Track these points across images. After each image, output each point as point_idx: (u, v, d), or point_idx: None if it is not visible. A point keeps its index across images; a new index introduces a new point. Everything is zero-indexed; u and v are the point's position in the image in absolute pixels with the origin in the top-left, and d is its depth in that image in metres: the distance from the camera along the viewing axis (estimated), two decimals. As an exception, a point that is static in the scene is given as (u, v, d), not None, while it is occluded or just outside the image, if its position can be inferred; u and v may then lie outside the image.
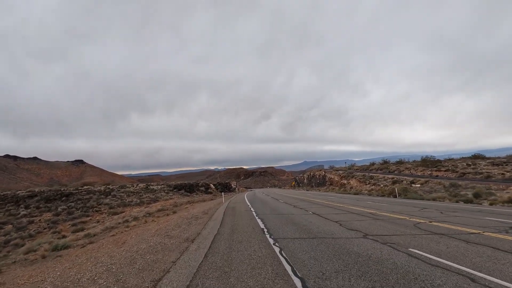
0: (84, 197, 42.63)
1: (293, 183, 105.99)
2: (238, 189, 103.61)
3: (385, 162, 69.68)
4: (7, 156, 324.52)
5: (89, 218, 34.17)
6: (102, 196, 44.54)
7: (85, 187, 48.13)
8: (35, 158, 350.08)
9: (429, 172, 41.67)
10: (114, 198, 44.25)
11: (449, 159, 50.80)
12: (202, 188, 61.23)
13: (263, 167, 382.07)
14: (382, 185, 39.25)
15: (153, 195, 49.55)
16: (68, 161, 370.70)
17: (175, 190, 55.37)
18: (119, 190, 48.59)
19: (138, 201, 43.82)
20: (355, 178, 51.99)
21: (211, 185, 67.23)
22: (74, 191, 43.83)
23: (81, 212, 36.54)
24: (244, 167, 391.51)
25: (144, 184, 56.25)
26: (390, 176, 43.87)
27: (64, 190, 43.27)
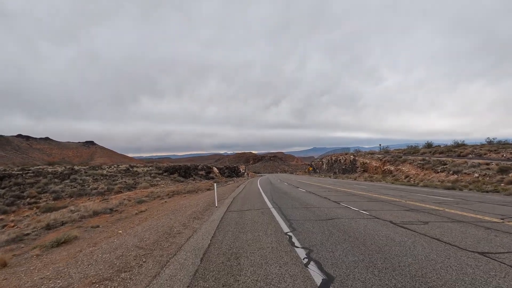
0: (27, 180, 29.05)
1: (310, 168, 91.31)
2: (248, 174, 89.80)
3: (429, 145, 54.08)
4: (19, 135, 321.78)
5: (3, 216, 20.55)
6: (56, 180, 30.90)
7: (36, 167, 34.84)
8: (47, 138, 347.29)
9: (546, 156, 26.01)
10: (72, 184, 30.56)
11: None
12: (202, 172, 47.34)
13: (273, 152, 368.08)
14: (477, 175, 23.97)
15: (132, 180, 35.77)
16: (79, 142, 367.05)
17: (165, 174, 41.65)
18: (86, 173, 34.94)
19: (106, 188, 29.96)
20: (408, 163, 36.67)
21: (214, 169, 53.31)
22: (16, 172, 30.33)
23: (2, 205, 22.85)
24: (253, 152, 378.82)
25: (127, 166, 42.74)
26: (475, 161, 28.41)
27: (1, 170, 29.87)
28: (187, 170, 44.80)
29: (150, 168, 42.85)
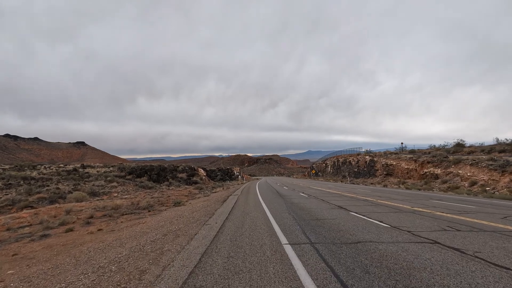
0: None
1: (313, 171, 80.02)
2: (242, 177, 78.26)
3: (459, 144, 43.93)
4: (7, 135, 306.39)
5: None
6: None
7: None
8: (36, 139, 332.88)
9: None
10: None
11: None
12: (183, 175, 35.56)
13: (268, 155, 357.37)
14: None
15: (73, 185, 23.93)
16: (69, 143, 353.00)
17: (129, 176, 29.89)
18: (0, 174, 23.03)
19: (11, 199, 18.16)
20: (468, 164, 25.62)
21: (200, 171, 41.41)
22: None
23: None
24: (249, 154, 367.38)
25: (77, 165, 30.77)
26: None
27: None
28: (161, 172, 33.08)
29: (111, 169, 31.07)
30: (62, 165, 30.44)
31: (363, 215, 8.85)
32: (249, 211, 10.30)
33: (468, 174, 24.45)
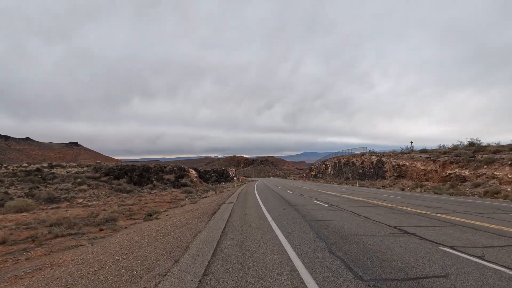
0: None
1: (313, 172, 75.55)
2: (238, 179, 73.51)
3: (471, 144, 40.30)
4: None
5: None
6: None
7: None
8: (27, 139, 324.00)
9: None
10: None
11: None
12: (170, 177, 30.65)
13: (264, 156, 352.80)
14: None
15: (28, 189, 19.01)
16: (62, 143, 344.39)
17: (105, 178, 25.03)
18: None
19: None
20: (504, 164, 21.49)
21: (191, 171, 36.37)
22: None
23: None
24: (244, 155, 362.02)
25: (44, 164, 25.79)
26: None
27: None
28: (144, 173, 28.17)
29: (84, 169, 26.16)
30: (25, 165, 25.52)
31: (483, 259, 4.39)
32: (252, 247, 5.63)
33: (509, 176, 20.28)
